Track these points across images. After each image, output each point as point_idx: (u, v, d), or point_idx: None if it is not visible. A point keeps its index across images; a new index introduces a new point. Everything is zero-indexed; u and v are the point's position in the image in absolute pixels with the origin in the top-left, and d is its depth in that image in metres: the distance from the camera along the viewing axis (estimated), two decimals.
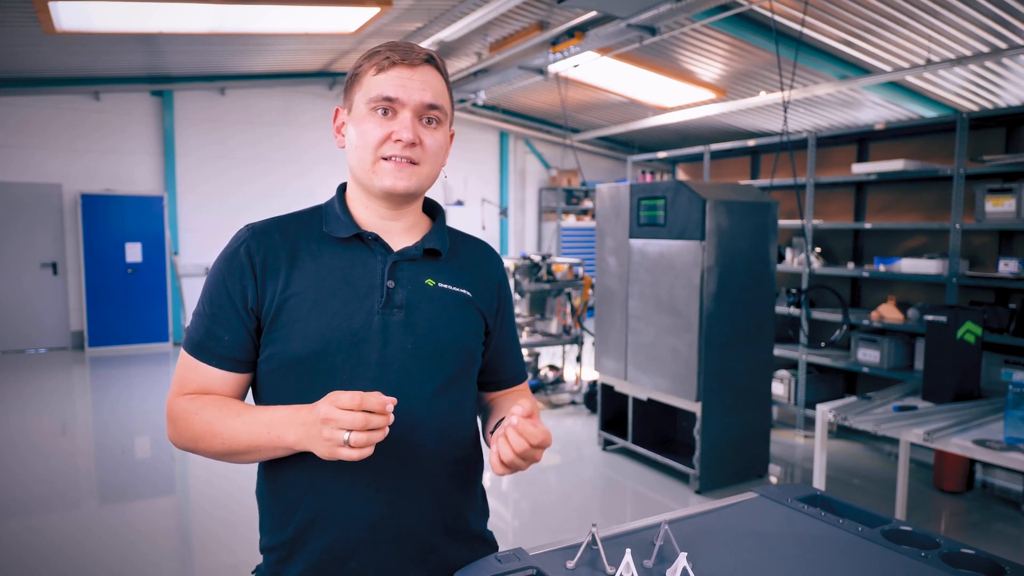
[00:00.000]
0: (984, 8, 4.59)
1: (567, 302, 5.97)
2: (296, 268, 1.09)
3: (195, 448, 1.08)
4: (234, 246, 1.11)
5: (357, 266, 1.11)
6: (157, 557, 3.20)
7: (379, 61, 1.08)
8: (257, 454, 1.05)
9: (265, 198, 8.98)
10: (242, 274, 1.08)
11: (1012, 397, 2.57)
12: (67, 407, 5.85)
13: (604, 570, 1.04)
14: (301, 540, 1.09)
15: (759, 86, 7.15)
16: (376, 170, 1.09)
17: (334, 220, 1.14)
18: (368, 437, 0.93)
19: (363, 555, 1.08)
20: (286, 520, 1.10)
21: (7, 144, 7.66)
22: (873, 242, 5.25)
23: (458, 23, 5.82)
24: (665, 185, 4.05)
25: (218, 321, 1.09)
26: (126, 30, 5.98)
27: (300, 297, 1.08)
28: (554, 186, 11.24)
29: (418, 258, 1.15)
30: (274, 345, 1.08)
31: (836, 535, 1.16)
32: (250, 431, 1.03)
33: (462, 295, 1.17)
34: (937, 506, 3.88)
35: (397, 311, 1.10)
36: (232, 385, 1.11)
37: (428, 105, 1.09)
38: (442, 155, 1.15)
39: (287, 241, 1.11)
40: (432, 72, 1.11)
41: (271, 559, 1.13)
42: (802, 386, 5.06)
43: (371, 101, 1.08)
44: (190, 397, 1.10)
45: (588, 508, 3.92)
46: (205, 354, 1.09)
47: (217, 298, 1.09)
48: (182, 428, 1.08)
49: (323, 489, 1.08)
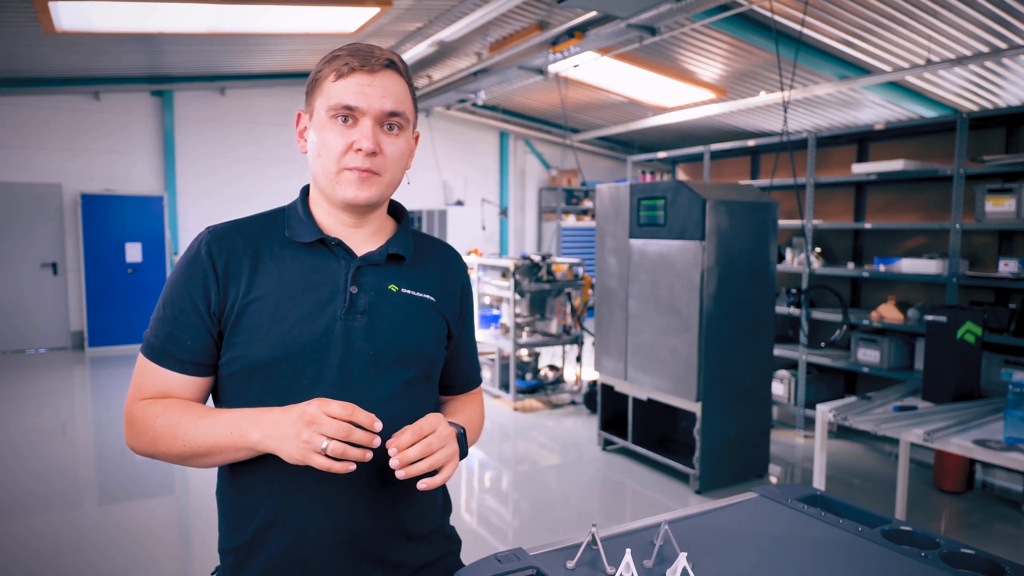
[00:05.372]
0: (984, 8, 4.59)
1: (567, 302, 5.97)
2: (258, 272, 1.08)
3: (154, 451, 1.07)
4: (195, 249, 1.09)
5: (320, 271, 1.11)
6: (156, 557, 3.20)
7: (338, 67, 1.06)
8: (218, 456, 1.04)
9: (265, 197, 8.98)
10: (204, 277, 1.07)
11: (1012, 397, 2.57)
12: (67, 407, 5.85)
13: (604, 570, 1.04)
14: (259, 543, 1.09)
15: (759, 86, 7.15)
16: (339, 180, 1.08)
17: (297, 224, 1.13)
18: (345, 450, 0.92)
19: (321, 558, 1.08)
20: (245, 522, 1.10)
21: (7, 144, 7.66)
22: (873, 242, 5.25)
23: (458, 23, 5.82)
24: (665, 185, 4.05)
25: (179, 325, 1.07)
26: (126, 30, 5.98)
27: (262, 301, 1.07)
28: (554, 186, 11.24)
29: (381, 263, 1.14)
30: (235, 349, 1.07)
31: (836, 535, 1.16)
32: (212, 431, 1.02)
33: (425, 300, 1.17)
34: (937, 506, 3.88)
35: (360, 317, 1.10)
36: (194, 389, 1.10)
37: (389, 112, 1.07)
38: (404, 161, 1.13)
39: (249, 245, 1.10)
40: (393, 77, 1.09)
41: (228, 561, 1.13)
42: (802, 386, 5.06)
43: (331, 109, 1.06)
44: (150, 401, 1.08)
45: (588, 508, 3.92)
46: (167, 359, 1.08)
47: (178, 302, 1.08)
48: (140, 432, 1.07)
49: (282, 492, 1.07)
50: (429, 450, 1.00)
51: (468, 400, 1.34)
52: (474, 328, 1.36)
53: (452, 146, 10.36)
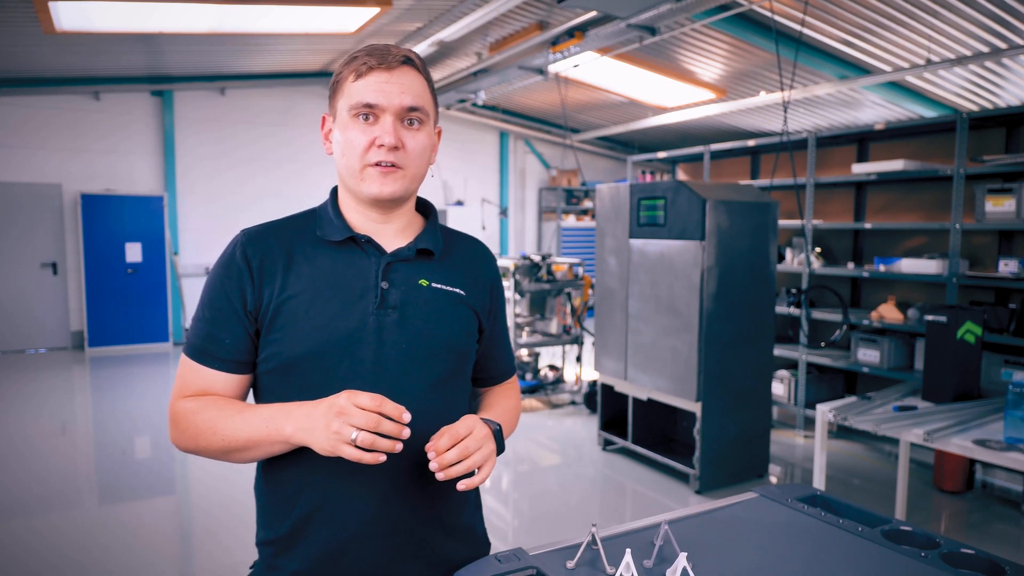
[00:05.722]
0: (984, 8, 4.59)
1: (567, 302, 5.97)
2: (292, 271, 1.12)
3: (196, 447, 1.10)
4: (231, 251, 1.13)
5: (351, 268, 1.14)
6: (156, 557, 3.20)
7: (357, 67, 1.10)
8: (256, 450, 1.07)
9: (265, 198, 8.98)
10: (240, 278, 1.11)
11: (1012, 397, 2.57)
12: (67, 407, 5.85)
13: (604, 570, 1.04)
14: (298, 535, 1.11)
15: (759, 86, 7.15)
16: (363, 177, 1.11)
17: (327, 224, 1.16)
18: (375, 440, 0.95)
19: (357, 550, 1.10)
20: (283, 515, 1.12)
21: (7, 144, 7.66)
22: (873, 242, 5.25)
23: (458, 23, 5.82)
24: (665, 185, 4.04)
25: (218, 325, 1.11)
26: (126, 30, 5.98)
27: (296, 299, 1.10)
28: (554, 186, 11.24)
29: (411, 259, 1.17)
30: (272, 347, 1.11)
31: (836, 535, 1.16)
32: (249, 426, 1.05)
33: (455, 294, 1.19)
34: (937, 506, 3.88)
35: (391, 312, 1.12)
36: (233, 386, 1.14)
37: (408, 107, 1.10)
38: (427, 155, 1.16)
39: (283, 245, 1.14)
40: (411, 73, 1.12)
41: (267, 553, 1.15)
42: (802, 386, 5.05)
43: (352, 108, 1.10)
44: (191, 398, 1.12)
45: (588, 508, 3.92)
46: (207, 358, 1.12)
47: (216, 302, 1.12)
48: (183, 428, 1.10)
49: (319, 485, 1.10)
50: (466, 452, 1.02)
51: (502, 391, 1.36)
52: (507, 321, 1.38)
53: (452, 146, 10.36)
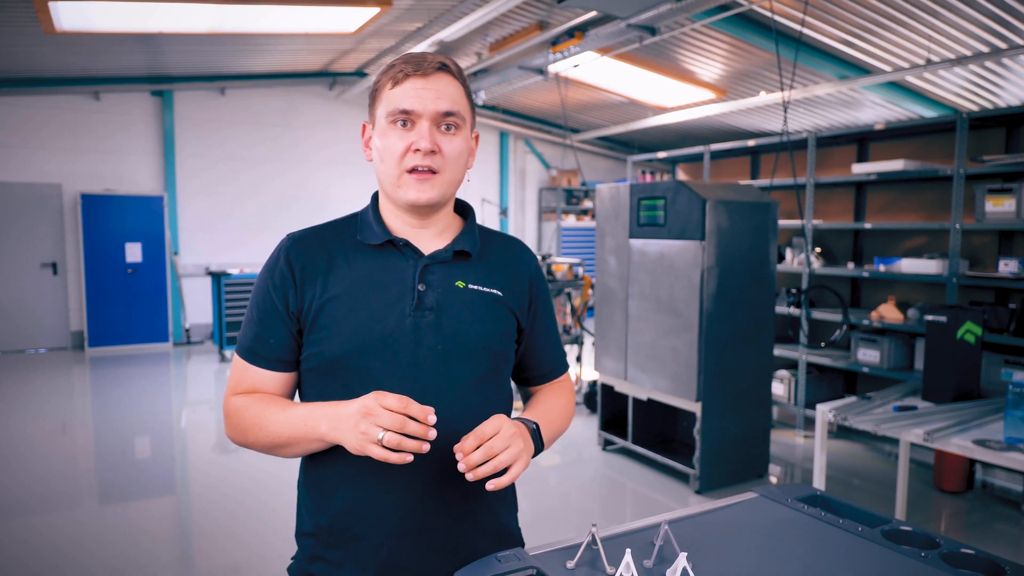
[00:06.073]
0: (984, 8, 4.59)
1: (567, 302, 5.97)
2: (332, 274, 1.16)
3: (245, 441, 1.17)
4: (276, 255, 1.19)
5: (389, 271, 1.17)
6: (156, 557, 3.20)
7: (394, 74, 1.13)
8: (297, 447, 1.12)
9: (265, 198, 8.98)
10: (283, 281, 1.16)
11: (1012, 397, 2.57)
12: (67, 407, 5.85)
13: (604, 570, 1.04)
14: (337, 527, 1.16)
15: (759, 86, 7.14)
16: (401, 183, 1.14)
17: (367, 228, 1.20)
18: (400, 441, 0.97)
19: (394, 544, 1.14)
20: (324, 508, 1.17)
21: (7, 144, 7.66)
22: (873, 242, 5.25)
23: (458, 23, 5.82)
24: (665, 185, 4.04)
25: (265, 326, 1.17)
26: (126, 30, 5.98)
27: (337, 301, 1.14)
28: (554, 186, 11.24)
29: (448, 260, 1.19)
30: (314, 346, 1.15)
31: (836, 535, 1.16)
32: (289, 423, 1.10)
33: (492, 295, 1.21)
34: (937, 506, 3.88)
35: (428, 313, 1.15)
36: (280, 384, 1.19)
37: (444, 113, 1.13)
38: (463, 159, 1.18)
39: (324, 249, 1.18)
40: (446, 79, 1.14)
41: (307, 543, 1.19)
42: (802, 386, 5.06)
43: (390, 115, 1.13)
44: (242, 395, 1.19)
45: (588, 508, 3.92)
46: (255, 358, 1.18)
47: (263, 304, 1.18)
48: (234, 423, 1.17)
49: (354, 481, 1.14)
50: (492, 453, 1.03)
51: (551, 390, 1.37)
52: (552, 316, 1.37)
53: None
